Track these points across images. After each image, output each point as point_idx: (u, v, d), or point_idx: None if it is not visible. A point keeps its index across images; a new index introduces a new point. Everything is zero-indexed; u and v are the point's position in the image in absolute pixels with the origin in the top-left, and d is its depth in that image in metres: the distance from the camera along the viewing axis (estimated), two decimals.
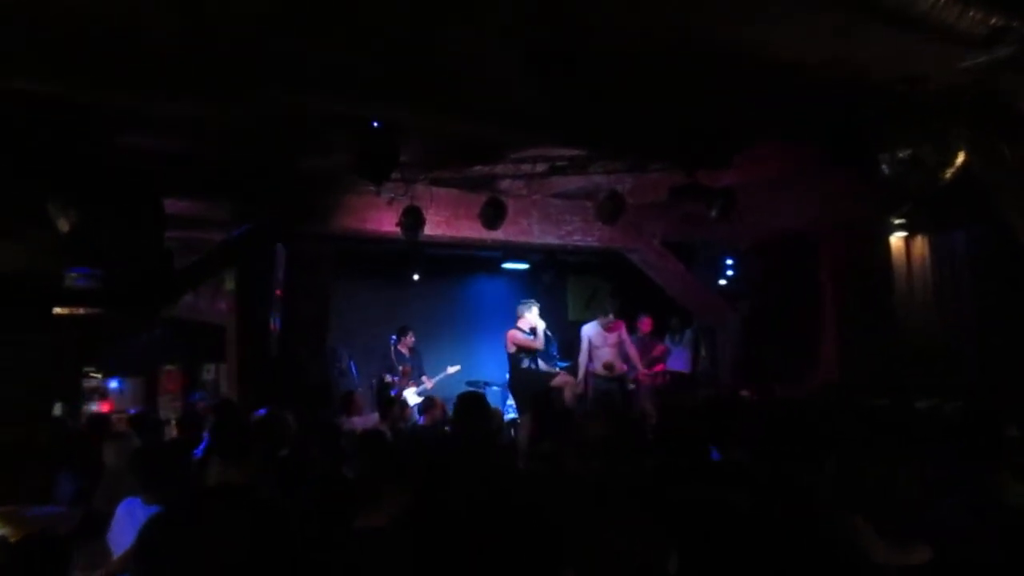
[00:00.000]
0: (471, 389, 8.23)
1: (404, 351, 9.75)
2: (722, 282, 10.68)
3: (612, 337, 9.41)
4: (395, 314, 10.57)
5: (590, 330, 9.38)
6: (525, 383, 8.85)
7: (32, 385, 4.78)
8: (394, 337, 9.72)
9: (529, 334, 9.04)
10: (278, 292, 7.85)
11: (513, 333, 9.07)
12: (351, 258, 9.82)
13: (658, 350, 10.27)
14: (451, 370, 9.87)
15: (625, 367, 9.78)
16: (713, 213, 7.21)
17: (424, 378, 9.71)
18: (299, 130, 5.93)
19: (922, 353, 8.81)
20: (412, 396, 9.40)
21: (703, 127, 5.69)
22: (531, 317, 9.02)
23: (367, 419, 6.98)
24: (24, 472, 4.53)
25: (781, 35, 4.09)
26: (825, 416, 3.78)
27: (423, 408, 6.75)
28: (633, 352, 9.81)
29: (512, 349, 9.03)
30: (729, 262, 10.56)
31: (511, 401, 10.12)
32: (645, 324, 10.25)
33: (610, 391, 8.89)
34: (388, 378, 9.44)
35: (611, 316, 9.31)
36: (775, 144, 6.67)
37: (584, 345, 9.36)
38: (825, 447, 2.44)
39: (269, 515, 1.35)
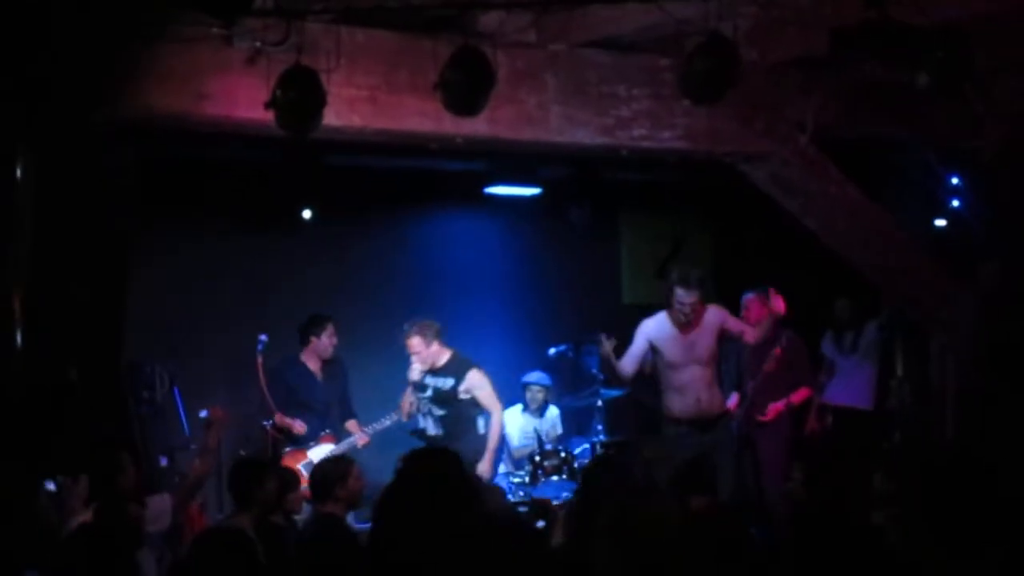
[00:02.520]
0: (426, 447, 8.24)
1: (311, 364, 10.08)
2: (939, 223, 10.58)
3: (704, 340, 9.31)
4: (266, 291, 10.50)
5: (653, 329, 9.43)
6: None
7: None
8: (263, 339, 9.82)
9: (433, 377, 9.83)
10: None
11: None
12: (176, 179, 9.72)
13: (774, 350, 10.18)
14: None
15: (732, 402, 9.70)
16: (922, 80, 7.11)
17: (353, 425, 10.20)
18: None
19: None
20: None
21: None
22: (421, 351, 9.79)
23: (162, 504, 7.20)
24: None
25: None
26: None
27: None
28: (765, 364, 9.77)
29: None
30: (954, 183, 10.46)
31: (505, 471, 10.15)
32: (755, 309, 10.23)
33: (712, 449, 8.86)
34: (267, 424, 9.75)
35: (693, 292, 9.17)
36: None
37: (638, 346, 9.44)
38: None
39: None
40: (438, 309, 11.55)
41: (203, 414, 9.07)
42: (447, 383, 9.69)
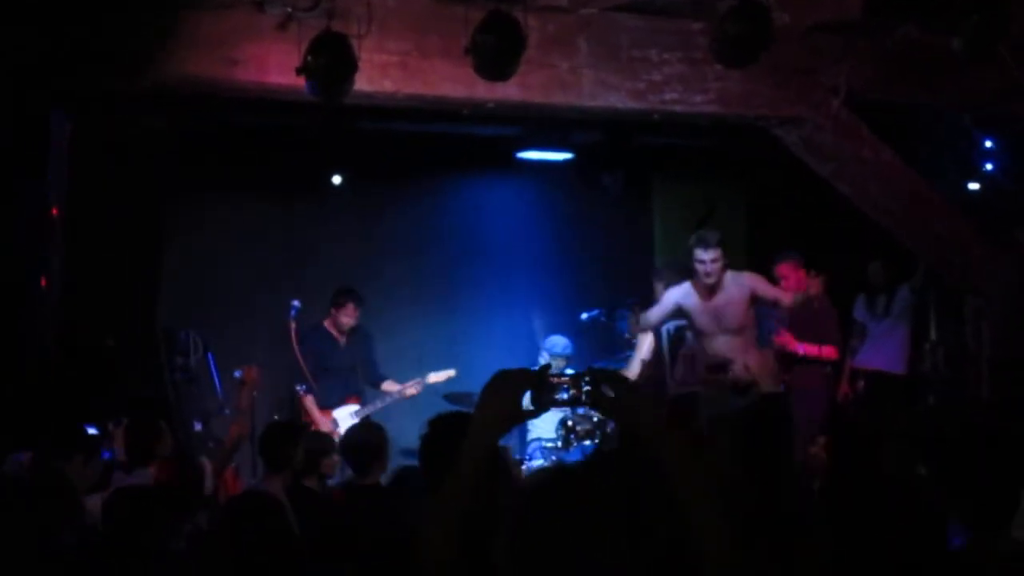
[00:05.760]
0: (456, 409, 8.26)
1: (334, 331, 10.15)
2: (973, 187, 10.52)
3: (732, 309, 9.32)
4: (299, 257, 10.55)
5: (680, 295, 9.48)
6: None
7: None
8: (295, 305, 9.92)
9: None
10: (54, 211, 7.81)
11: None
12: (207, 146, 9.76)
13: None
14: (435, 378, 10.29)
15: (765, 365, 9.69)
16: (957, 44, 7.09)
17: (390, 384, 10.31)
18: None
19: None
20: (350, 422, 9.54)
21: None
22: None
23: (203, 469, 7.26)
24: None
25: None
26: None
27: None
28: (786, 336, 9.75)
29: None
30: (988, 146, 10.40)
31: (537, 435, 10.15)
32: (792, 277, 10.18)
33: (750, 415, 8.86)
34: (299, 389, 9.78)
35: (712, 249, 9.19)
36: None
37: (665, 304, 9.52)
38: None
39: None
40: (470, 274, 11.60)
41: (237, 374, 9.14)
42: None
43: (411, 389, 10.11)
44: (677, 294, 9.42)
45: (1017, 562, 3.58)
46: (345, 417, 9.66)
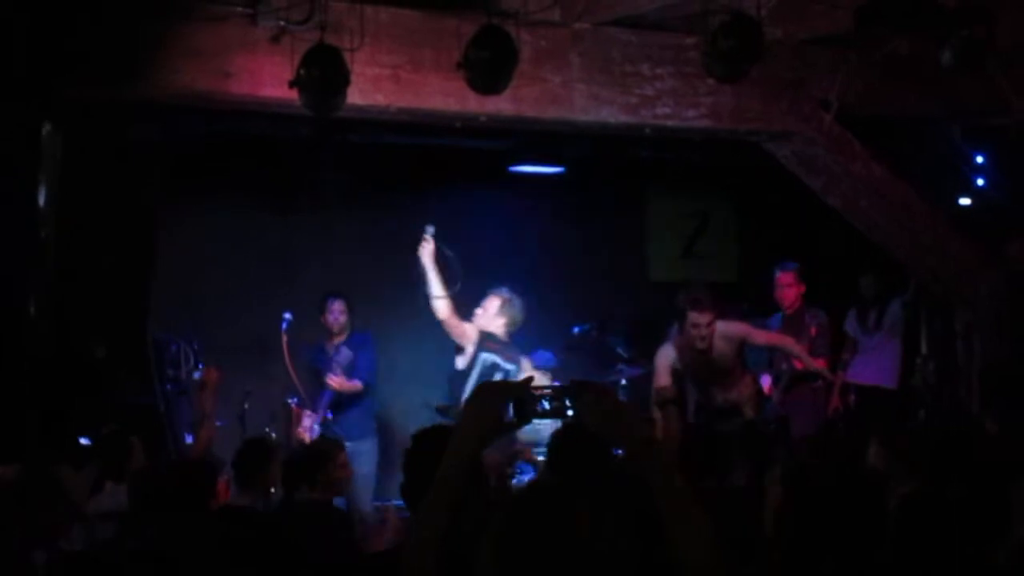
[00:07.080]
0: (442, 422, 8.29)
1: (326, 342, 10.12)
2: (964, 202, 10.54)
3: (722, 358, 9.38)
4: (291, 270, 10.55)
5: (672, 357, 9.41)
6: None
7: None
8: (287, 317, 9.89)
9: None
10: (46, 220, 7.82)
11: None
12: (201, 155, 9.77)
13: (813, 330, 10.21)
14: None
15: (766, 385, 9.73)
16: (946, 58, 7.13)
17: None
18: None
19: None
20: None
21: None
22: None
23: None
24: None
25: None
26: None
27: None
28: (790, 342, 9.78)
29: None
30: (979, 161, 10.43)
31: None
32: (791, 288, 10.24)
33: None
34: (291, 402, 9.77)
35: (707, 313, 9.11)
36: None
37: (664, 368, 9.48)
38: None
39: None
40: (462, 287, 11.59)
41: (196, 375, 9.09)
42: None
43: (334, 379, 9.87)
44: (670, 356, 9.36)
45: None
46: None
